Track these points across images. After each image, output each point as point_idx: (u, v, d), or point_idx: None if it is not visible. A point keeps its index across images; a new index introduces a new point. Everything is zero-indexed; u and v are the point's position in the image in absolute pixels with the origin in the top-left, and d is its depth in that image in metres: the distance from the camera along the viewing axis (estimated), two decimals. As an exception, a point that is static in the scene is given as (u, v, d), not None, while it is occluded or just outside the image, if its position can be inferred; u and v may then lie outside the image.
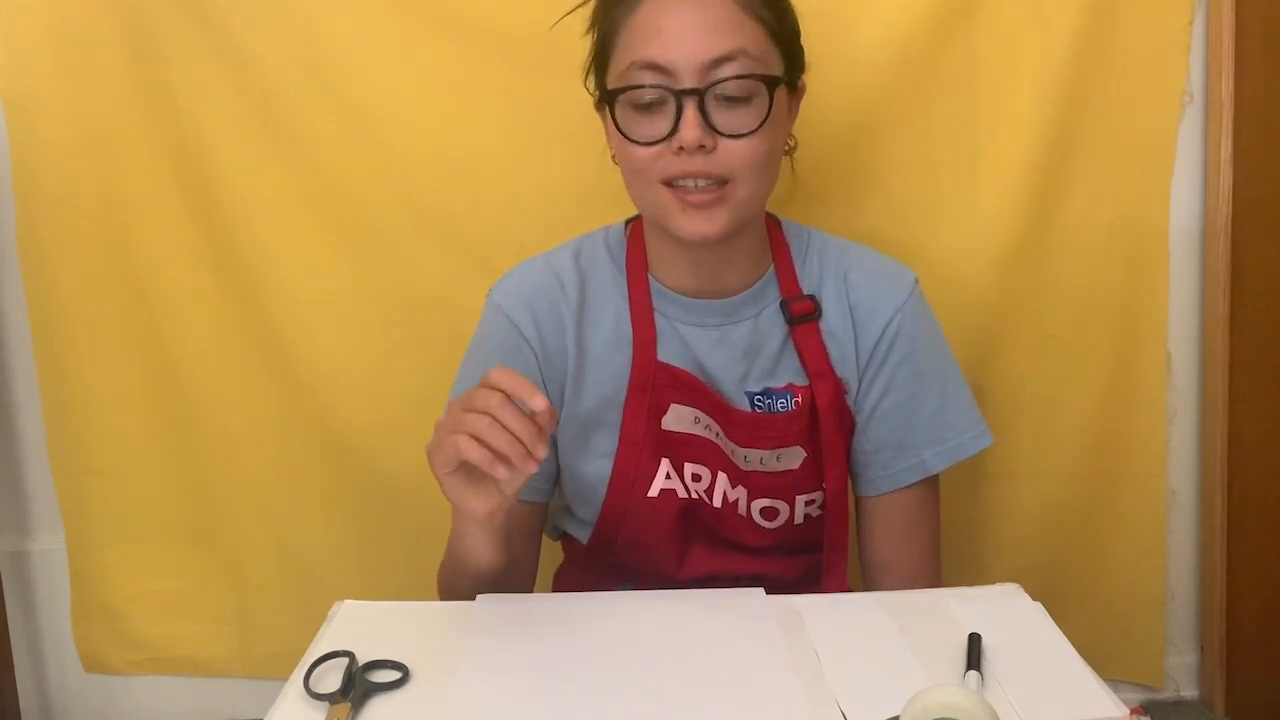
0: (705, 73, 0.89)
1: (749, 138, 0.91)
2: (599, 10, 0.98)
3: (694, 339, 1.02)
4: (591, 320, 1.03)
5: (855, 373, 1.03)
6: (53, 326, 1.48)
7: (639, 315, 1.02)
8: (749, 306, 1.02)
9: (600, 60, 0.97)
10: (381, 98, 1.37)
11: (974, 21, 1.36)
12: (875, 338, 1.02)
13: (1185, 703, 1.59)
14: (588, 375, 1.03)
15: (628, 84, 0.91)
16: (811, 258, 1.05)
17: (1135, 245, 1.45)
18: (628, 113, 0.93)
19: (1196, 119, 1.44)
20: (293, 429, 1.47)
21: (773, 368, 1.02)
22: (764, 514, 1.03)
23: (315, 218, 1.41)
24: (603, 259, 1.05)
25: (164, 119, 1.39)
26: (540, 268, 1.05)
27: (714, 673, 0.79)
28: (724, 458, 1.02)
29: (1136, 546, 1.53)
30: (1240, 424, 1.48)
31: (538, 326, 1.02)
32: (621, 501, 1.02)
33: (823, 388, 1.01)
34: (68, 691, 1.62)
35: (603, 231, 1.08)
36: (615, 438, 1.02)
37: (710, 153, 0.90)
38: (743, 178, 0.92)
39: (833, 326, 1.02)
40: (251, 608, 1.55)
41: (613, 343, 1.03)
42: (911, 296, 1.03)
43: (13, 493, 1.58)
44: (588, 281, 1.04)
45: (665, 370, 1.00)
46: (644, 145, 0.92)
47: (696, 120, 0.89)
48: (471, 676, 0.79)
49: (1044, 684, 0.77)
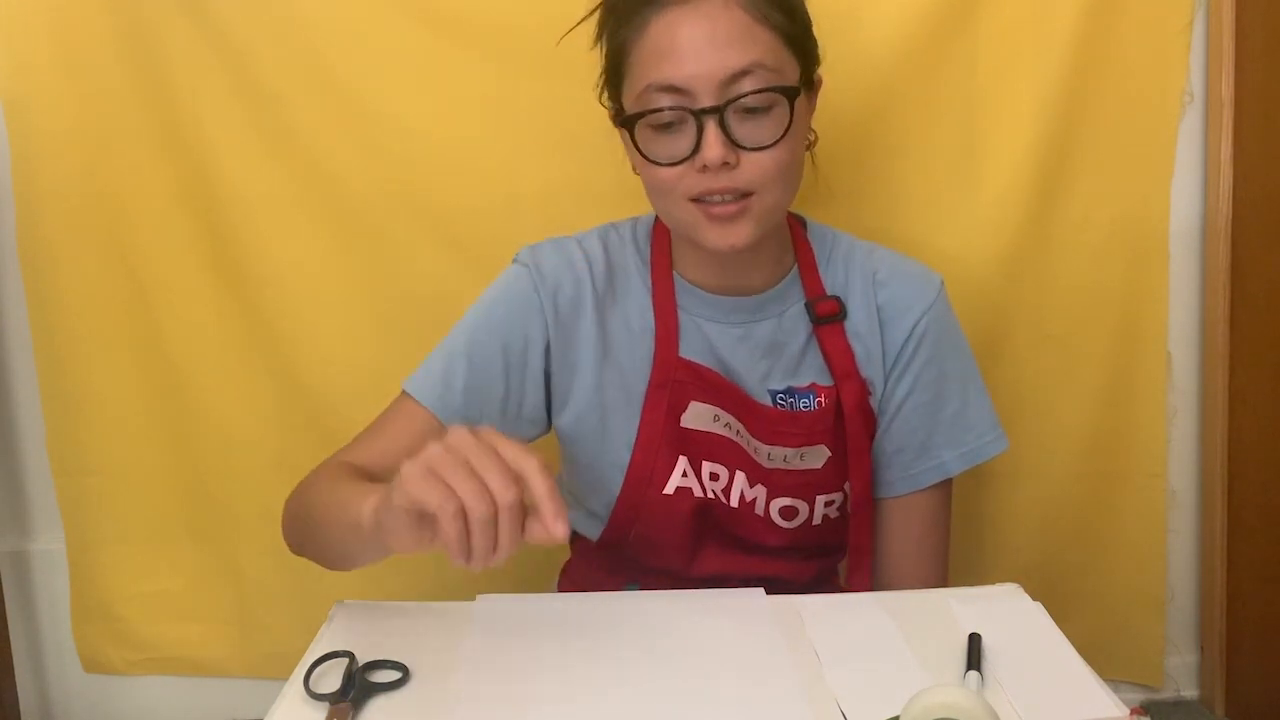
0: (723, 89, 0.88)
1: (771, 149, 0.90)
2: (607, 27, 0.97)
3: (717, 336, 1.02)
4: (616, 308, 1.03)
5: (881, 373, 1.03)
6: (53, 326, 1.48)
7: (662, 309, 1.02)
8: (773, 305, 1.02)
9: (613, 78, 0.96)
10: (381, 98, 1.37)
11: (974, 21, 1.36)
12: (903, 338, 1.02)
13: (1185, 703, 1.59)
14: (610, 363, 1.02)
15: (645, 108, 0.91)
16: (836, 259, 1.05)
17: (1135, 245, 1.45)
18: (648, 135, 0.92)
19: (1196, 119, 1.44)
20: (293, 429, 1.47)
21: (795, 367, 1.02)
22: (783, 513, 1.03)
23: (315, 218, 1.41)
24: (629, 249, 1.05)
25: (164, 119, 1.39)
26: (573, 247, 1.04)
27: (714, 673, 0.79)
28: (744, 456, 1.01)
29: (1136, 546, 1.53)
30: (1240, 424, 1.48)
31: (556, 300, 1.01)
32: (636, 497, 1.02)
33: (849, 388, 1.01)
34: (68, 691, 1.62)
35: (630, 222, 1.07)
36: (634, 427, 1.02)
37: (734, 168, 0.90)
38: (766, 189, 0.91)
39: (858, 328, 1.02)
40: (251, 608, 1.55)
41: (637, 333, 1.02)
42: (939, 298, 1.03)
43: (13, 493, 1.58)
44: (615, 269, 1.04)
45: (687, 366, 1.00)
46: (667, 166, 0.91)
47: (718, 138, 0.88)
48: (471, 676, 0.79)
49: (1044, 684, 0.77)
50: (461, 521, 0.68)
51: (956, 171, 1.39)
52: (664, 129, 0.91)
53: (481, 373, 1.01)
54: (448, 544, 0.69)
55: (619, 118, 0.96)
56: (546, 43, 1.08)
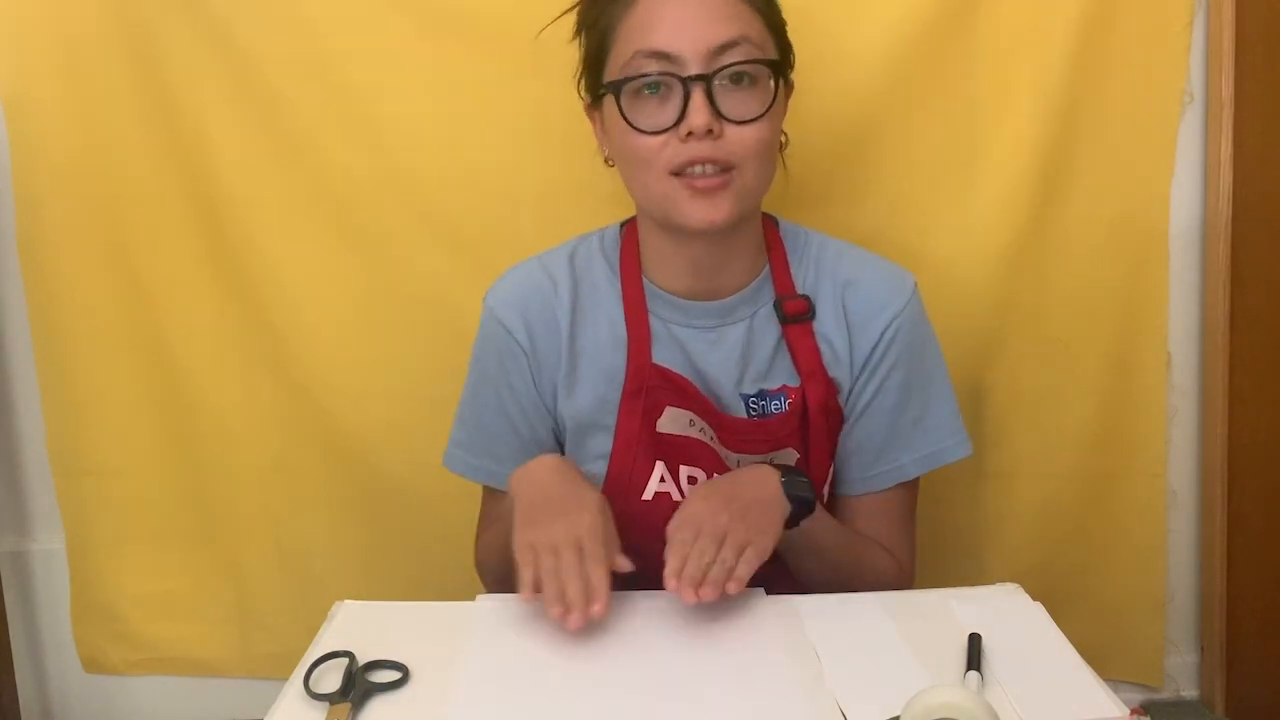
0: (711, 59, 0.90)
1: (755, 124, 0.92)
2: (589, 12, 0.98)
3: (689, 341, 1.02)
4: (585, 321, 1.04)
5: (849, 374, 1.03)
6: (53, 326, 1.48)
7: (633, 317, 1.02)
8: (744, 307, 1.02)
9: (595, 59, 0.97)
10: (382, 99, 1.37)
11: (973, 21, 1.36)
12: (872, 342, 1.02)
13: (1185, 703, 1.58)
14: (582, 376, 1.03)
15: (632, 72, 0.92)
16: (808, 259, 1.05)
17: (1135, 245, 1.45)
18: (632, 103, 0.93)
19: (1196, 119, 1.44)
20: (293, 429, 1.47)
21: (767, 370, 1.03)
22: None
23: (315, 218, 1.41)
24: (598, 260, 1.06)
25: (164, 119, 1.39)
26: (534, 268, 1.06)
27: (714, 673, 0.79)
28: (718, 460, 1.02)
29: (1136, 546, 1.52)
30: (1240, 424, 1.48)
31: (529, 329, 1.03)
32: (616, 505, 1.02)
33: (814, 388, 1.01)
34: (68, 691, 1.62)
35: (598, 233, 1.08)
36: (611, 440, 1.02)
37: (717, 139, 0.91)
38: (748, 164, 0.93)
39: (826, 329, 1.02)
40: (251, 608, 1.55)
41: (608, 344, 1.03)
42: (911, 301, 1.03)
43: (13, 493, 1.58)
44: (582, 283, 1.05)
45: (659, 373, 1.01)
46: (650, 134, 0.92)
47: (705, 105, 0.90)
48: (471, 676, 0.79)
49: (1044, 684, 0.77)
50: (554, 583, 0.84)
51: (956, 171, 1.39)
52: (648, 99, 0.92)
53: (500, 438, 1.06)
54: (547, 597, 0.84)
55: (596, 91, 0.97)
56: (547, 45, 1.08)
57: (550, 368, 1.04)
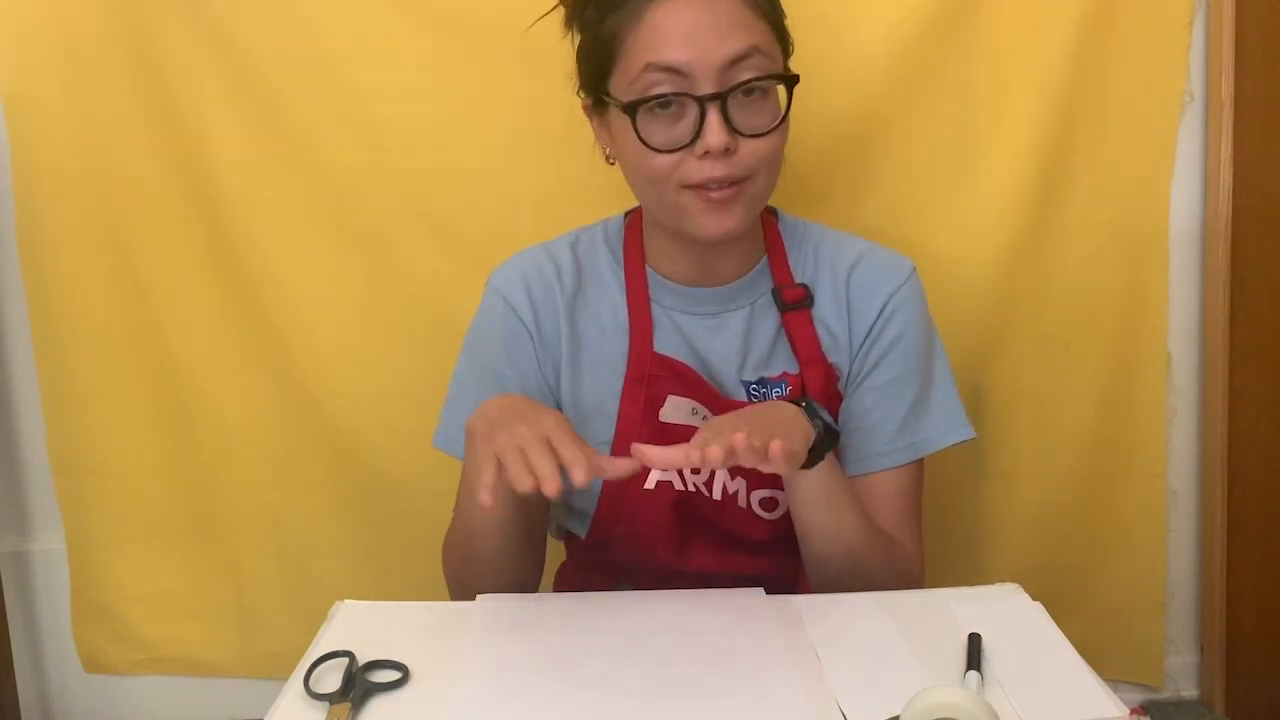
0: (723, 74, 0.89)
1: (767, 136, 0.92)
2: (589, 14, 0.96)
3: (691, 329, 1.02)
4: (588, 307, 1.04)
5: (849, 358, 1.03)
6: (53, 326, 1.48)
7: (635, 305, 1.02)
8: (744, 294, 1.03)
9: (599, 65, 0.96)
10: (381, 98, 1.37)
11: (974, 21, 1.36)
12: (871, 320, 1.02)
13: (1185, 703, 1.59)
14: (585, 363, 1.03)
15: (645, 90, 0.91)
16: (807, 248, 1.05)
17: (1135, 245, 1.45)
18: (645, 120, 0.92)
19: (1196, 119, 1.44)
20: (293, 429, 1.47)
21: (767, 357, 1.03)
22: (764, 505, 1.03)
23: (315, 218, 1.41)
24: (601, 249, 1.06)
25: (164, 119, 1.39)
26: (538, 254, 1.06)
27: (714, 673, 0.79)
28: None
29: (1136, 546, 1.53)
30: (1240, 424, 1.48)
31: (534, 310, 1.03)
32: (618, 493, 1.02)
33: (813, 374, 1.01)
34: (68, 691, 1.62)
35: (601, 223, 1.08)
36: (613, 426, 1.02)
37: (733, 154, 0.91)
38: (760, 175, 0.93)
39: (826, 315, 1.03)
40: (251, 608, 1.55)
41: (610, 331, 1.03)
42: (908, 281, 1.03)
43: (13, 493, 1.58)
44: (585, 270, 1.05)
45: (662, 361, 1.01)
46: (665, 153, 0.91)
47: (721, 125, 0.89)
48: (471, 676, 0.79)
49: (1044, 684, 0.77)
50: (519, 459, 0.80)
51: (956, 171, 1.39)
52: (661, 114, 0.91)
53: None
54: (513, 476, 0.80)
55: (599, 97, 0.96)
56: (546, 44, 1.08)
57: (553, 350, 1.04)
